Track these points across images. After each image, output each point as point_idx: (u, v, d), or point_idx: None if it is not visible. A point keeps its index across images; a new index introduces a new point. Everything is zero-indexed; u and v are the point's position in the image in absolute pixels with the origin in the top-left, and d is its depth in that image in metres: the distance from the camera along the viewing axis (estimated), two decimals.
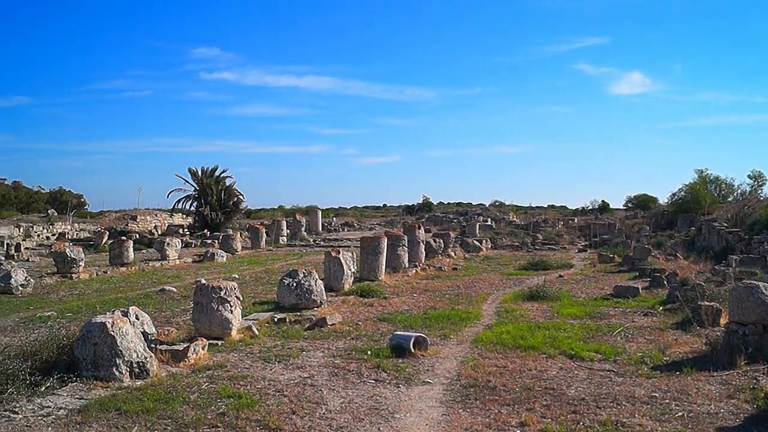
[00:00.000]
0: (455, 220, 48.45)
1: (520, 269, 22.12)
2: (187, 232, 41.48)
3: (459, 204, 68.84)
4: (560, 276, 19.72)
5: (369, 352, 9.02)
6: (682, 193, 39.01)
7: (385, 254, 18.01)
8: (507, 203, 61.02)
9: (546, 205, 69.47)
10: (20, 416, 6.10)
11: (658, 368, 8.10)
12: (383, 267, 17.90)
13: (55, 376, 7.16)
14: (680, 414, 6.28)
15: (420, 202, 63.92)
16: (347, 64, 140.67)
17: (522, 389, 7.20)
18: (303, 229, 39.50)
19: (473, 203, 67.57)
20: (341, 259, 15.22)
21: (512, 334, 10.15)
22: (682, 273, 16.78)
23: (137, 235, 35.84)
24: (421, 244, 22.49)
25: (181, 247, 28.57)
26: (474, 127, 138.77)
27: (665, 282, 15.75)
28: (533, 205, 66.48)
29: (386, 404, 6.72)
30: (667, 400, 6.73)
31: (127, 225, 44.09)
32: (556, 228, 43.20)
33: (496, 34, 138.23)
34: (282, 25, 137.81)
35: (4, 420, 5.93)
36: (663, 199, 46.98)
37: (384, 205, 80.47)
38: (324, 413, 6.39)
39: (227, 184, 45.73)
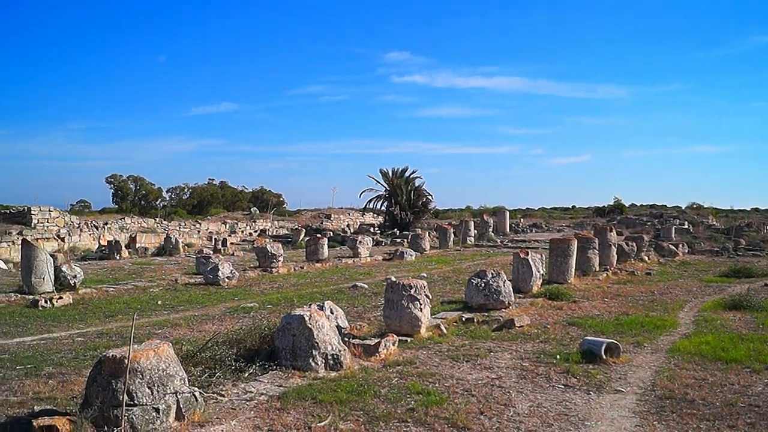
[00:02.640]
0: (649, 223, 46.36)
1: (721, 276, 20.74)
2: (378, 231, 42.62)
3: (653, 206, 65.72)
4: (766, 285, 18.31)
5: (558, 356, 8.84)
6: None
7: (574, 257, 17.58)
8: (705, 206, 57.59)
9: (749, 209, 64.81)
10: (226, 399, 6.56)
11: None
12: (573, 270, 17.47)
13: (257, 364, 7.64)
14: None
15: (611, 203, 61.83)
16: (535, 64, 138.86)
17: (723, 404, 6.77)
18: (490, 229, 39.38)
19: (668, 205, 64.39)
20: (530, 260, 15.03)
21: (712, 345, 9.56)
22: None
23: (331, 233, 37.36)
24: (613, 247, 21.74)
25: (372, 245, 29.39)
26: (671, 126, 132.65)
27: None
28: (735, 208, 62.33)
29: (576, 411, 6.56)
30: None
31: (321, 223, 46.08)
32: (761, 233, 40.16)
33: (694, 27, 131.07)
34: (471, 27, 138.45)
35: (212, 401, 6.39)
36: None
37: (573, 206, 78.47)
38: (512, 415, 6.34)
39: (416, 184, 46.60)
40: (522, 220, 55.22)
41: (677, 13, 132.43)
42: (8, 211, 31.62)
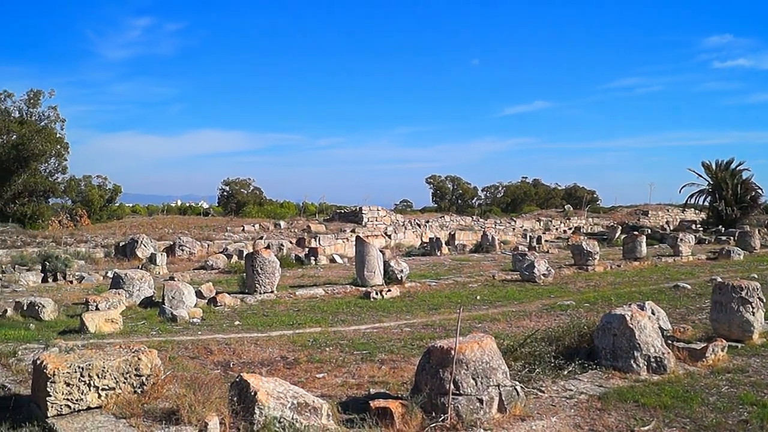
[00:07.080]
0: None
1: None
2: (700, 228, 40.14)
3: None
4: None
5: None
6: None
7: None
8: None
9: None
10: (546, 395, 6.68)
11: None
12: None
13: (576, 362, 7.66)
14: None
15: None
16: None
17: None
18: None
19: None
20: None
21: None
22: None
23: (649, 230, 35.88)
24: None
25: (694, 243, 27.73)
26: None
27: None
28: None
29: None
30: None
31: (638, 220, 44.44)
32: None
33: None
34: None
35: (532, 396, 6.55)
36: None
37: None
38: None
39: (743, 177, 43.05)
40: None
41: None
42: (343, 211, 35.04)
